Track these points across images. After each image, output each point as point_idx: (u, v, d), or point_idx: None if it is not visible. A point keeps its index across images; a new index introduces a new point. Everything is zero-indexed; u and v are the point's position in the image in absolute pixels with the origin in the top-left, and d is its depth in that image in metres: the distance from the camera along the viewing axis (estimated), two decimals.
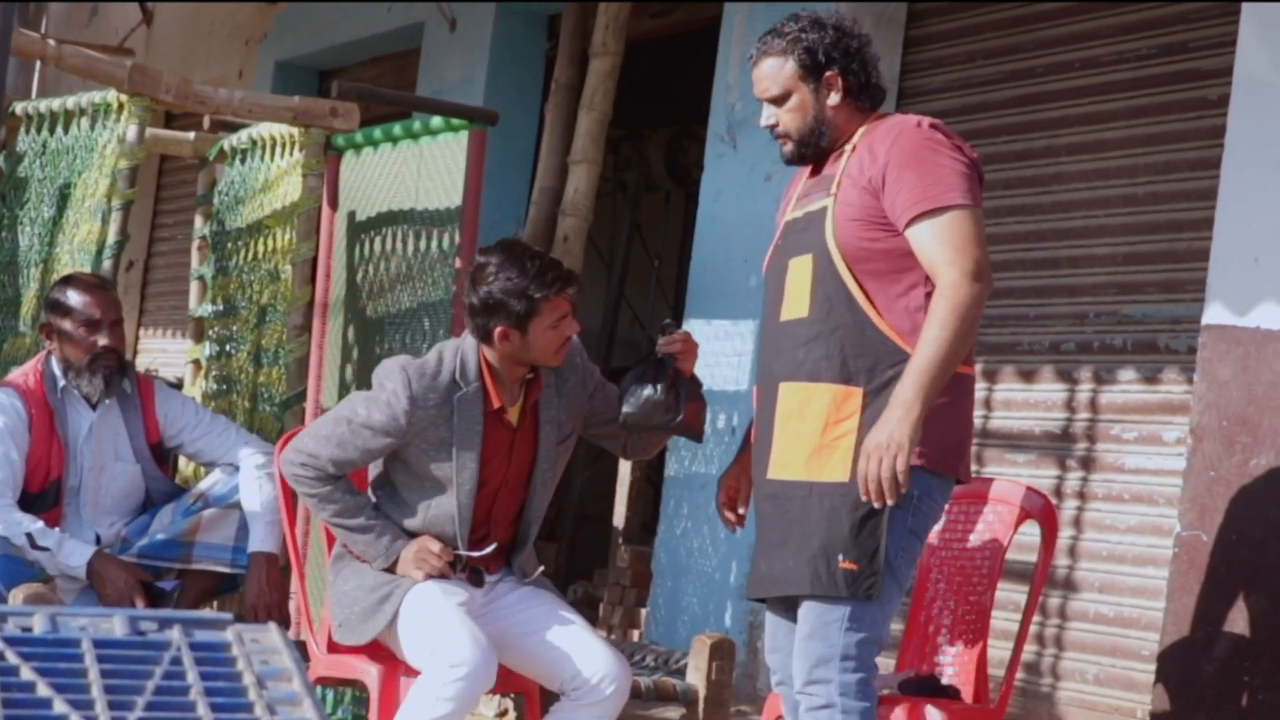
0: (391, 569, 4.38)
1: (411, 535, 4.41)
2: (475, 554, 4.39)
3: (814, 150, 4.02)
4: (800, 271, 3.95)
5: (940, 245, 3.78)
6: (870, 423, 3.82)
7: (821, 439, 3.88)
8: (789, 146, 4.04)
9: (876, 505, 3.79)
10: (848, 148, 3.97)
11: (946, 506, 4.07)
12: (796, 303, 3.95)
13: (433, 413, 4.31)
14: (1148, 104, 5.75)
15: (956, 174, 3.82)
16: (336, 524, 4.41)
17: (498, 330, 4.29)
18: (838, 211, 3.89)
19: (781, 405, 3.95)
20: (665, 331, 4.33)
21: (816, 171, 4.07)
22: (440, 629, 4.25)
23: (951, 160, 3.84)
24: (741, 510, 4.21)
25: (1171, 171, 5.64)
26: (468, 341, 4.39)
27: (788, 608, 4.06)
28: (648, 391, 4.28)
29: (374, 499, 4.48)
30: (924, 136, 3.85)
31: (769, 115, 4.04)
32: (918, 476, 3.81)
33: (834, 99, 3.98)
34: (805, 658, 3.90)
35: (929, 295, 3.85)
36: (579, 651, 4.33)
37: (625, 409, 4.31)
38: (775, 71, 4.00)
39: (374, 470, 4.51)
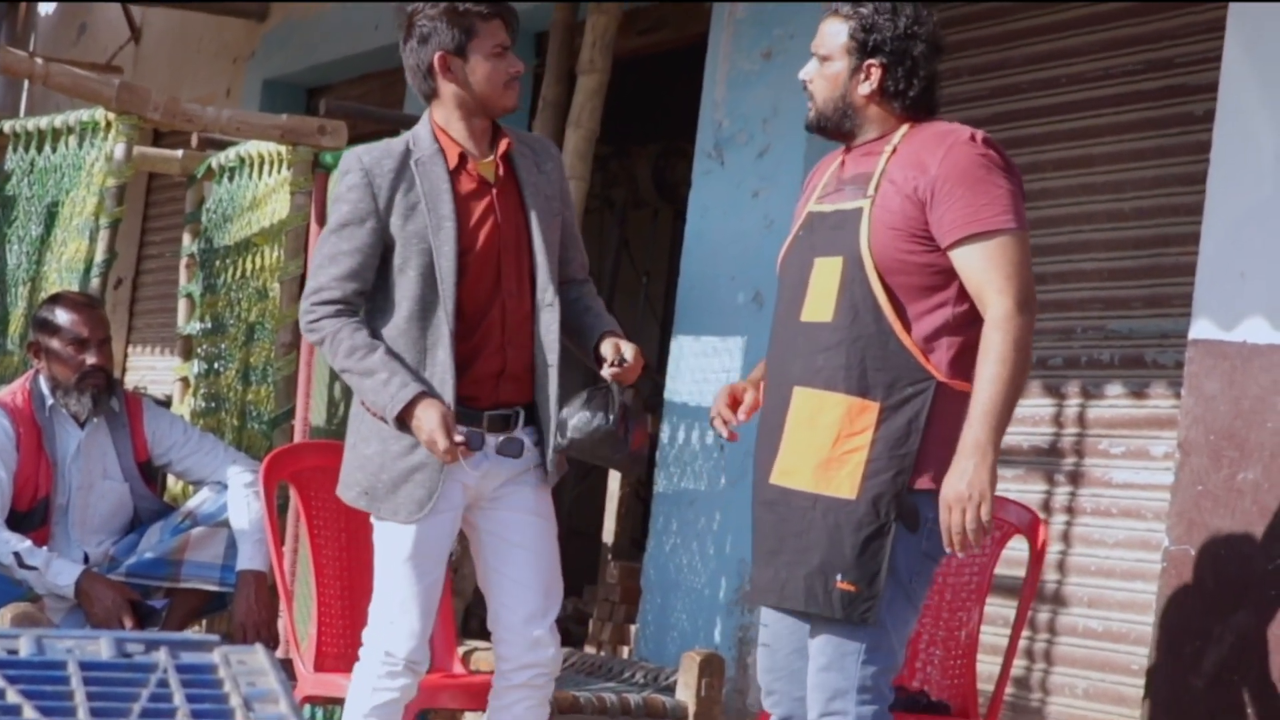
0: (404, 426, 4.09)
1: (417, 363, 4.13)
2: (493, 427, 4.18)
3: (832, 126, 3.96)
4: (827, 273, 3.85)
5: (991, 271, 3.72)
6: (884, 439, 3.75)
7: (831, 451, 3.79)
8: (811, 111, 3.98)
9: (961, 555, 3.76)
10: (886, 148, 3.87)
11: None
12: (820, 305, 3.85)
13: (391, 177, 4.14)
14: (1133, 119, 5.76)
15: (1009, 195, 3.77)
16: (346, 370, 4.14)
17: (436, 58, 4.16)
18: (875, 216, 3.79)
19: (794, 411, 3.85)
20: (611, 362, 4.15)
21: (845, 164, 3.98)
22: (395, 604, 4.20)
23: (1005, 180, 3.78)
24: (742, 417, 4.06)
25: (1157, 187, 5.65)
26: (418, 123, 4.28)
27: (794, 615, 3.96)
28: (598, 422, 4.10)
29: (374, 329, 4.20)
30: (978, 153, 3.78)
31: (808, 70, 3.98)
32: (928, 499, 3.76)
33: (865, 89, 3.90)
34: (822, 689, 3.82)
35: (957, 316, 3.79)
36: (523, 626, 4.27)
37: (572, 436, 4.12)
38: (829, 33, 3.94)
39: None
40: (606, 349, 4.19)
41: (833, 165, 4.04)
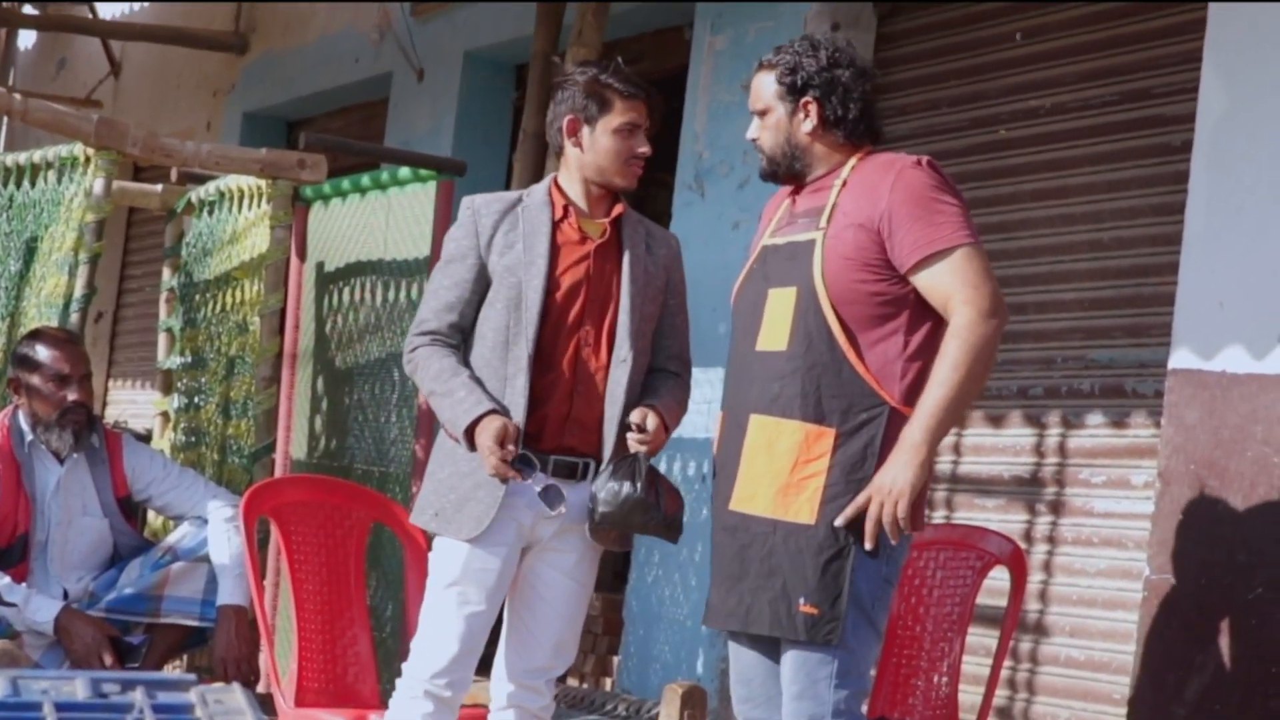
0: (473, 443, 4.13)
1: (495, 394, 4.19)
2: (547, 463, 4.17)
3: (785, 171, 4.05)
4: (781, 303, 3.93)
5: (956, 282, 3.81)
6: (841, 465, 3.83)
7: (790, 477, 3.86)
8: (763, 162, 4.09)
9: (869, 546, 3.80)
10: (836, 181, 3.97)
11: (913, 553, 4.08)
12: (774, 334, 3.93)
13: (496, 217, 4.28)
14: (1111, 150, 5.77)
15: (960, 212, 3.87)
16: (432, 393, 4.21)
17: (567, 120, 4.29)
18: (828, 247, 3.88)
19: (750, 438, 3.93)
20: (633, 428, 4.16)
21: (797, 201, 4.07)
22: (431, 629, 4.24)
23: (954, 199, 3.89)
24: None
25: (1136, 217, 5.66)
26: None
27: (754, 643, 4.03)
28: (627, 490, 4.10)
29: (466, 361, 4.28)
30: (926, 177, 3.89)
31: (753, 128, 4.10)
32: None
33: (807, 125, 4.00)
34: (796, 717, 3.87)
35: (909, 344, 3.87)
36: (523, 674, 4.31)
37: (602, 509, 4.13)
38: (760, 87, 4.07)
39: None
40: (634, 417, 4.22)
41: (784, 202, 4.13)
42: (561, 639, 4.34)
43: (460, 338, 4.29)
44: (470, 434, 4.12)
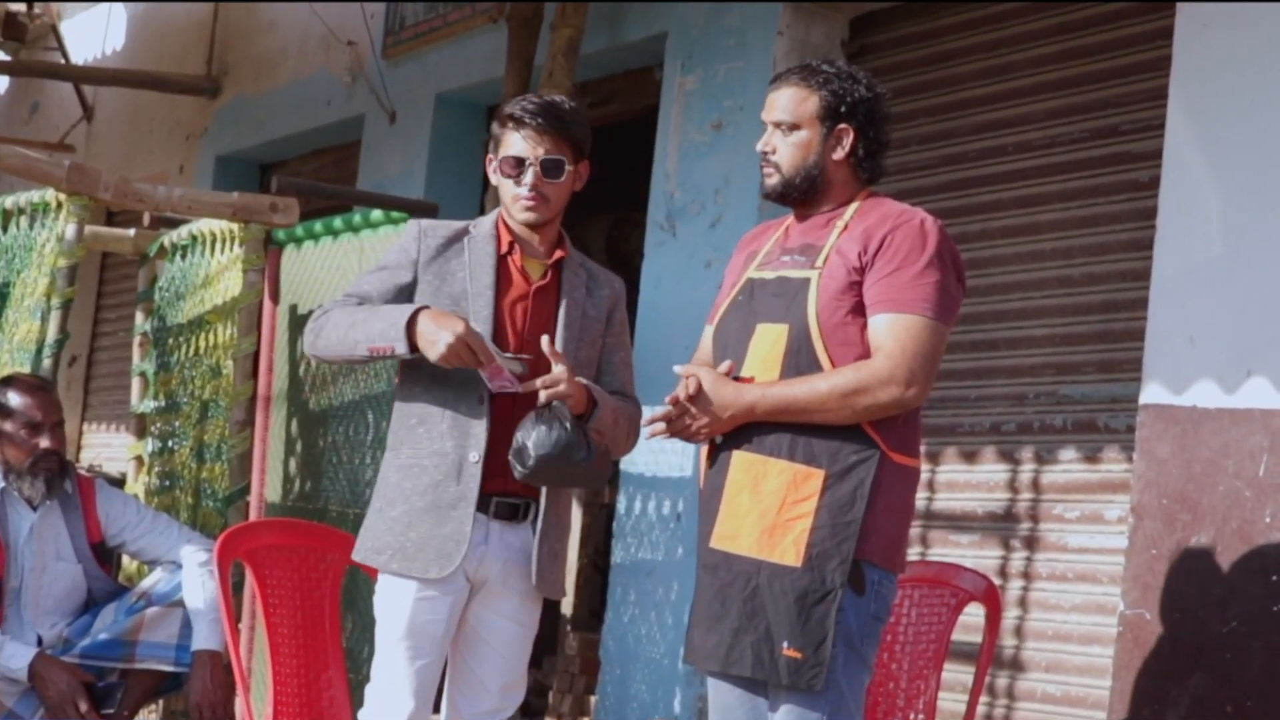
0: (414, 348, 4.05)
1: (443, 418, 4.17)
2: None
3: (798, 194, 3.93)
4: (771, 339, 3.85)
5: (891, 338, 3.75)
6: (829, 507, 3.75)
7: (776, 518, 3.79)
8: (774, 179, 3.93)
9: (651, 434, 3.84)
10: (839, 222, 3.89)
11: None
12: (762, 370, 3.85)
13: (441, 242, 4.22)
14: (1081, 187, 5.81)
15: (935, 288, 3.78)
16: (349, 338, 4.10)
17: (488, 157, 4.27)
18: (822, 287, 3.81)
19: (732, 475, 3.86)
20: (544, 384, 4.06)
21: (791, 232, 3.98)
22: (383, 680, 4.22)
23: (937, 274, 3.79)
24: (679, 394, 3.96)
25: (1106, 253, 5.69)
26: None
27: (736, 680, 3.95)
28: (558, 433, 3.99)
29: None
30: (921, 241, 3.80)
31: (768, 141, 3.94)
32: (870, 566, 3.78)
33: (839, 154, 3.90)
34: None
35: None
36: (471, 718, 4.30)
37: (537, 454, 4.00)
38: (793, 102, 3.92)
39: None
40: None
41: (775, 233, 4.04)
42: (508, 681, 4.33)
43: None
44: (412, 327, 4.03)
